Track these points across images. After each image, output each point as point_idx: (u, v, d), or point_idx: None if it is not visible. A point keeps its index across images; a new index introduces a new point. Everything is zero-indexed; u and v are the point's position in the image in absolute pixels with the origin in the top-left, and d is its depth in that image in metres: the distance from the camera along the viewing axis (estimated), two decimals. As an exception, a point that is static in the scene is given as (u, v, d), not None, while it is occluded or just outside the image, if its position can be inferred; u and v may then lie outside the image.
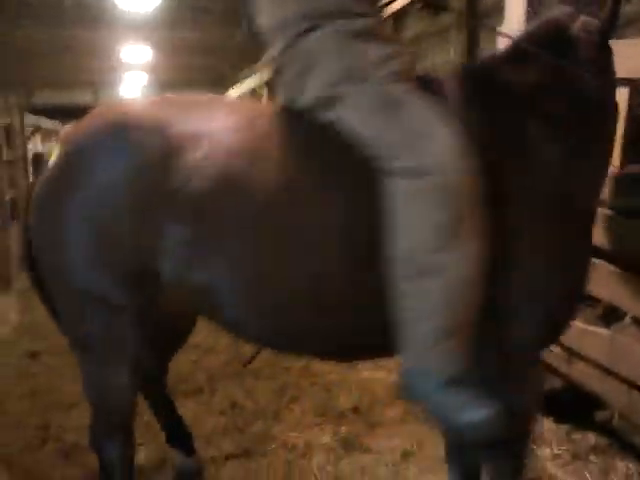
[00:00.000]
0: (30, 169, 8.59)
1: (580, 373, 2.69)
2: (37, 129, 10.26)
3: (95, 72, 22.18)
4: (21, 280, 6.44)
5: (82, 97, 26.60)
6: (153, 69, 21.56)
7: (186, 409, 3.53)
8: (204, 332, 4.85)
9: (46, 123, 10.83)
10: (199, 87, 25.36)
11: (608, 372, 2.51)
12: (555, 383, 2.94)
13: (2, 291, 6.05)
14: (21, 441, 3.16)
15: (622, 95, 2.74)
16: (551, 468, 2.64)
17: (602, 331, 2.55)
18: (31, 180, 8.16)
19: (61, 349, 4.57)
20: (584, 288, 1.68)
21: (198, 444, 3.11)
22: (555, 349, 2.81)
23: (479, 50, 4.16)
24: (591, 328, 2.61)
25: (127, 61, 15.73)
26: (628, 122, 2.73)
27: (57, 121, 12.01)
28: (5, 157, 6.65)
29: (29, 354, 4.45)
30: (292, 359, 3.96)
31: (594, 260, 2.55)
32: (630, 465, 2.55)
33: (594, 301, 2.75)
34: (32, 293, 6.35)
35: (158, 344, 2.31)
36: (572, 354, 2.71)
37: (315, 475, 2.81)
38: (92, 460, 2.95)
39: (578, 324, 2.66)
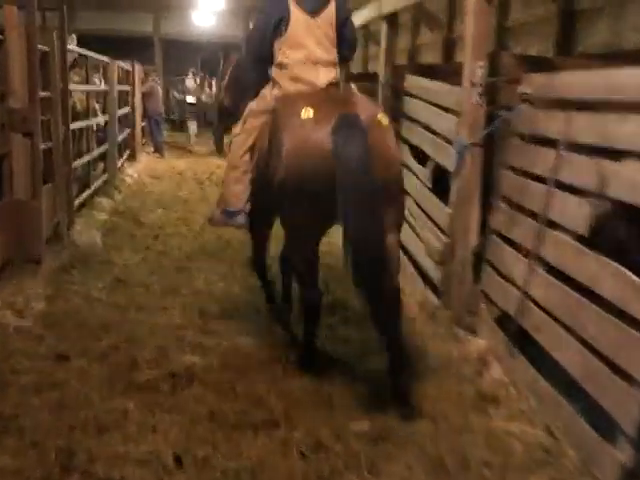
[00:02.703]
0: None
1: None
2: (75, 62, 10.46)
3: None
4: (51, 259, 6.72)
5: (139, 25, 27.30)
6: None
7: (259, 445, 3.62)
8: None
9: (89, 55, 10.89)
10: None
11: None
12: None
13: (29, 271, 6.25)
14: (38, 469, 3.29)
15: None
16: None
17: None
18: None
19: (95, 352, 4.76)
20: None
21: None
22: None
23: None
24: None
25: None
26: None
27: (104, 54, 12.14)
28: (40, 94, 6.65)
29: (55, 355, 4.65)
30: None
31: None
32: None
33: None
34: (63, 275, 6.60)
35: None
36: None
37: None
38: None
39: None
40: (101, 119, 11.49)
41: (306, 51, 4.70)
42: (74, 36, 10.01)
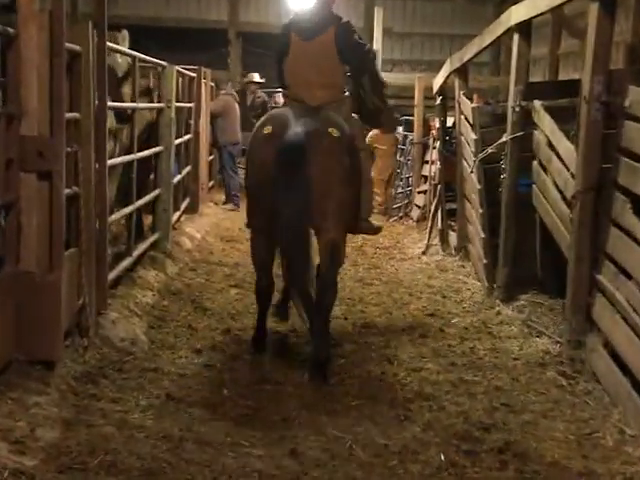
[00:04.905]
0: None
1: None
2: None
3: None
4: (71, 361, 6.72)
5: (208, 12, 27.97)
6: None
7: None
8: None
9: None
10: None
11: None
12: None
13: (36, 380, 6.16)
14: None
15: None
16: None
17: None
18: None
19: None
20: None
21: None
22: None
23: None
24: None
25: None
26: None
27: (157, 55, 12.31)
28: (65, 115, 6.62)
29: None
30: None
31: None
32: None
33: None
34: (87, 387, 6.58)
35: None
36: None
37: None
38: None
39: None
40: (149, 152, 11.48)
41: (302, 74, 8.09)
42: (126, 33, 10.13)
